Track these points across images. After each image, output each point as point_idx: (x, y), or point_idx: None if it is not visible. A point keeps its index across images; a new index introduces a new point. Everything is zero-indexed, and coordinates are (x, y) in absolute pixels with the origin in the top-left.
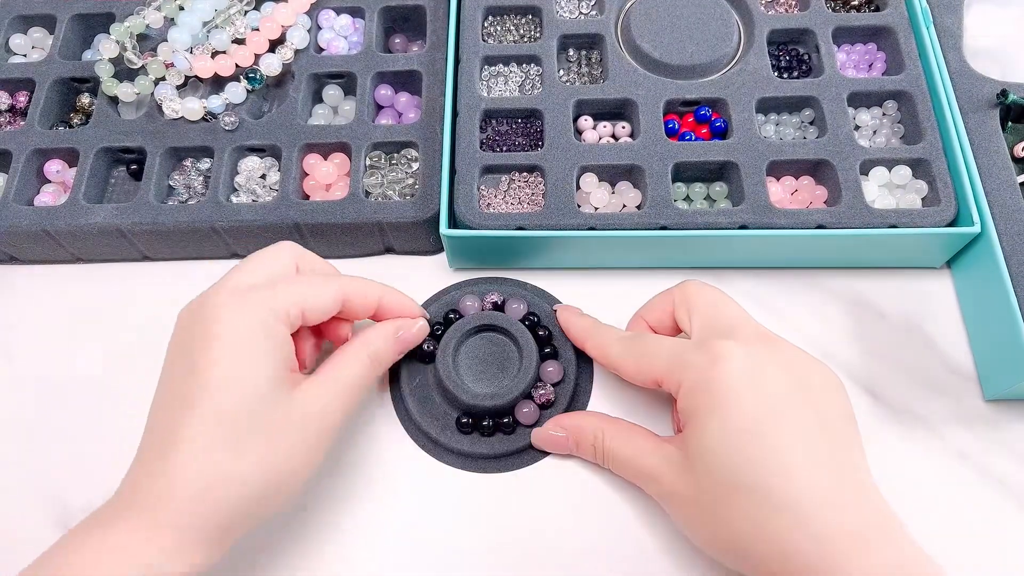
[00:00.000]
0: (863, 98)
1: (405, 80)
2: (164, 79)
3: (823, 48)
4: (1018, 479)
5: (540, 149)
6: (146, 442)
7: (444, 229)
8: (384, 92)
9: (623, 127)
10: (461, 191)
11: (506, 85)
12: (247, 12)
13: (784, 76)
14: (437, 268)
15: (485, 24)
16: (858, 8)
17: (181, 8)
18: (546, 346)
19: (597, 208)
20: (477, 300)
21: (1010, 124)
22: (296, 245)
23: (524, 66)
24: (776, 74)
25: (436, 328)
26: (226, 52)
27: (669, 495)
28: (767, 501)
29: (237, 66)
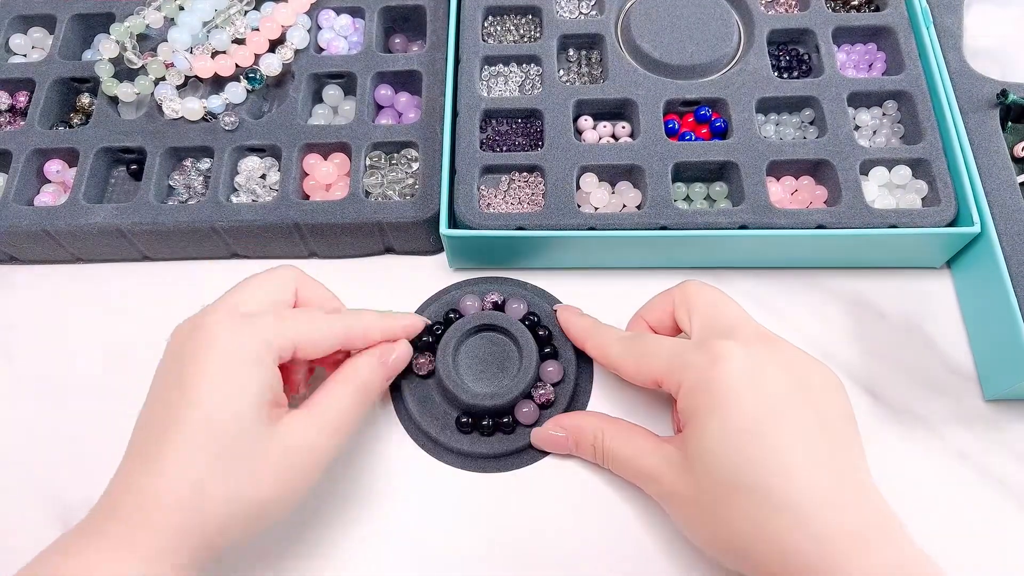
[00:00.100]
0: (863, 98)
1: (405, 80)
2: (164, 79)
3: (823, 48)
4: (1018, 479)
5: (540, 149)
6: (129, 456)
7: (444, 229)
8: (384, 92)
9: (623, 127)
10: (461, 191)
11: (506, 85)
12: (247, 12)
13: (784, 76)
14: (437, 268)
15: (485, 24)
16: (858, 8)
17: (181, 8)
18: (546, 346)
19: (597, 208)
20: (477, 300)
21: (1010, 124)
22: (297, 269)
23: (524, 66)
24: (776, 74)
25: (436, 328)
26: (226, 52)
27: (669, 495)
28: (767, 501)
29: (237, 66)
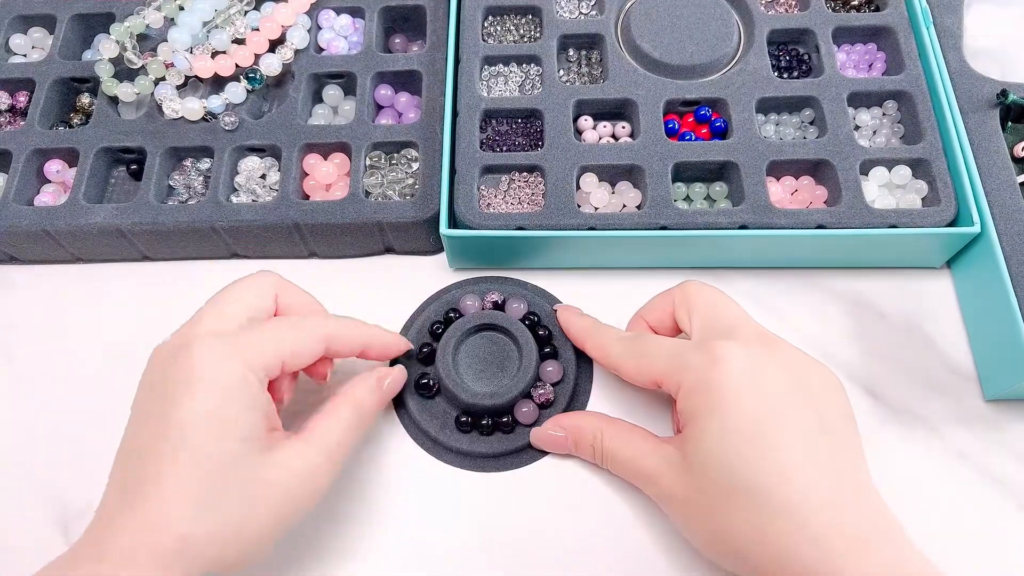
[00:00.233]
0: (863, 98)
1: (405, 80)
2: (164, 79)
3: (823, 48)
4: (1018, 479)
5: (540, 149)
6: (111, 491)
7: (444, 229)
8: (384, 92)
9: (623, 127)
10: (461, 191)
11: (506, 85)
12: (247, 12)
13: (784, 76)
14: (437, 268)
15: (485, 24)
16: (858, 8)
17: (181, 8)
18: (546, 346)
19: (597, 208)
20: (477, 299)
21: (1010, 124)
22: (275, 275)
23: (524, 66)
24: (776, 74)
25: (436, 327)
26: (226, 52)
27: (668, 496)
28: (766, 502)
29: (237, 66)
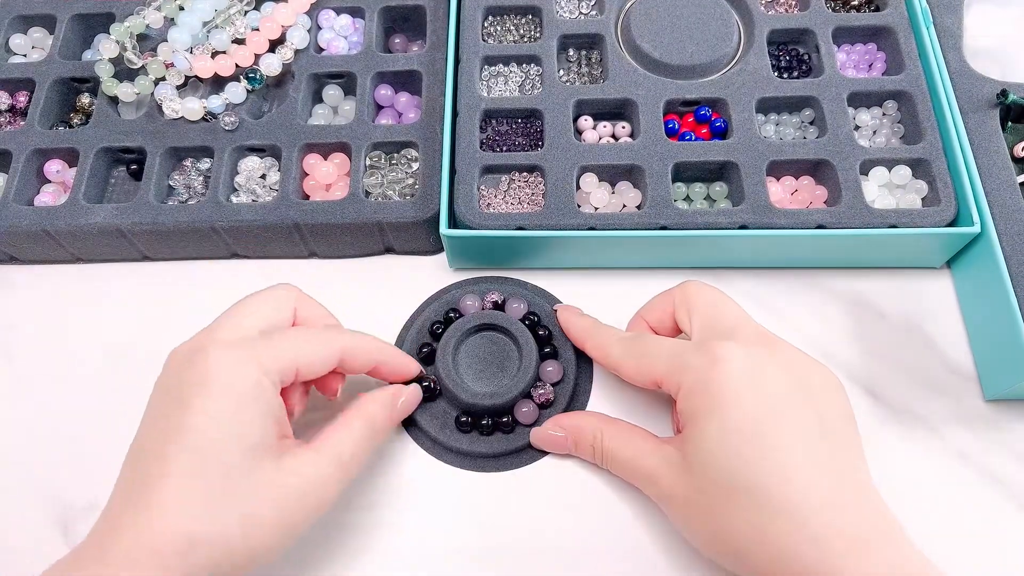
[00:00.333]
0: (863, 98)
1: (405, 80)
2: (164, 79)
3: (823, 48)
4: (1018, 479)
5: (540, 149)
6: (118, 492)
7: (444, 229)
8: (384, 92)
9: (623, 127)
10: (461, 191)
11: (506, 85)
12: (247, 12)
13: (784, 76)
14: (437, 268)
15: (485, 24)
16: (858, 8)
17: (181, 8)
18: (546, 346)
19: (597, 208)
20: (477, 299)
21: (1010, 124)
22: (296, 289)
23: (524, 66)
24: (776, 74)
25: (436, 327)
26: (226, 52)
27: (668, 496)
28: (766, 503)
29: (237, 66)
